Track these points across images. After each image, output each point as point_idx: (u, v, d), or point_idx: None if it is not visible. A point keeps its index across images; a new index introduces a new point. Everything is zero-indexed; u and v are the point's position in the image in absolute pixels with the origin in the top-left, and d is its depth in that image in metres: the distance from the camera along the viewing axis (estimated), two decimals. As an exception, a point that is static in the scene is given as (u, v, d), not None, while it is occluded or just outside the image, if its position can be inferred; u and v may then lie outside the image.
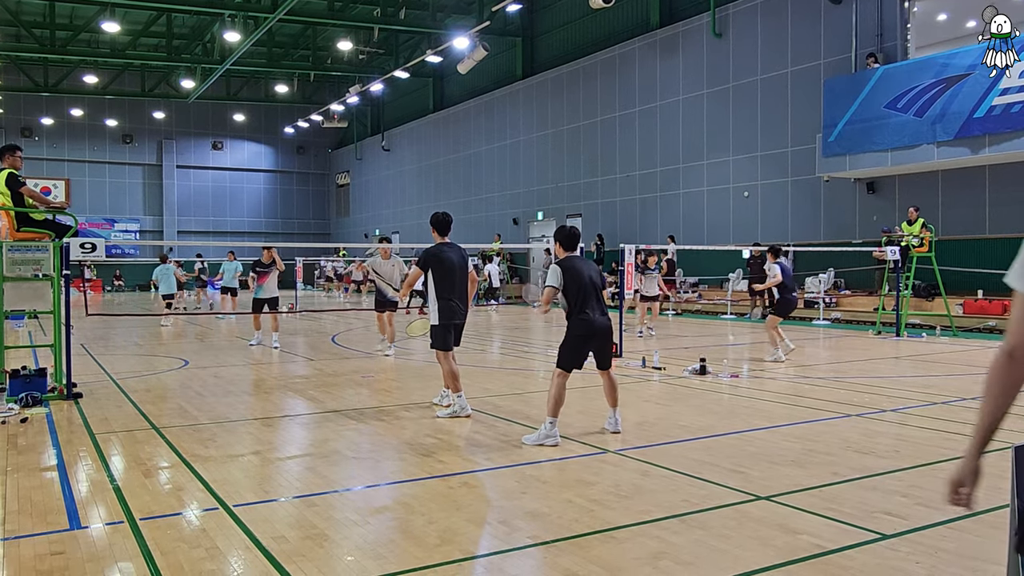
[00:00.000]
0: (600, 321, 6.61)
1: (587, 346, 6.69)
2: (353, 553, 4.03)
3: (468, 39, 27.25)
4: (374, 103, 44.60)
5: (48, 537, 4.27)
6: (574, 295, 6.57)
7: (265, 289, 14.03)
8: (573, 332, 6.61)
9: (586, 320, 6.54)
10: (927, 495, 4.90)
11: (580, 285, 6.56)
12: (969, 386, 9.27)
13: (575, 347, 6.63)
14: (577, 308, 6.57)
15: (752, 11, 22.27)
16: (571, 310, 6.61)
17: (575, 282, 6.56)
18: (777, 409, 7.92)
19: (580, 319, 6.56)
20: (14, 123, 42.45)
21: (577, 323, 6.58)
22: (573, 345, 6.61)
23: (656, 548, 4.05)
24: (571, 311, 6.62)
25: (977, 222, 17.50)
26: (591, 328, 6.56)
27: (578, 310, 6.56)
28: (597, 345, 6.72)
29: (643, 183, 26.11)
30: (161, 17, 32.50)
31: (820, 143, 19.05)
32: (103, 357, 12.68)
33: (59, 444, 6.52)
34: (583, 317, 6.55)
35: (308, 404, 8.52)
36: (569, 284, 6.56)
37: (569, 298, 6.59)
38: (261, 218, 49.25)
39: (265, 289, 14.03)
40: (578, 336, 6.59)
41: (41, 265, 8.52)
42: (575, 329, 6.60)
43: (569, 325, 6.65)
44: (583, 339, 6.61)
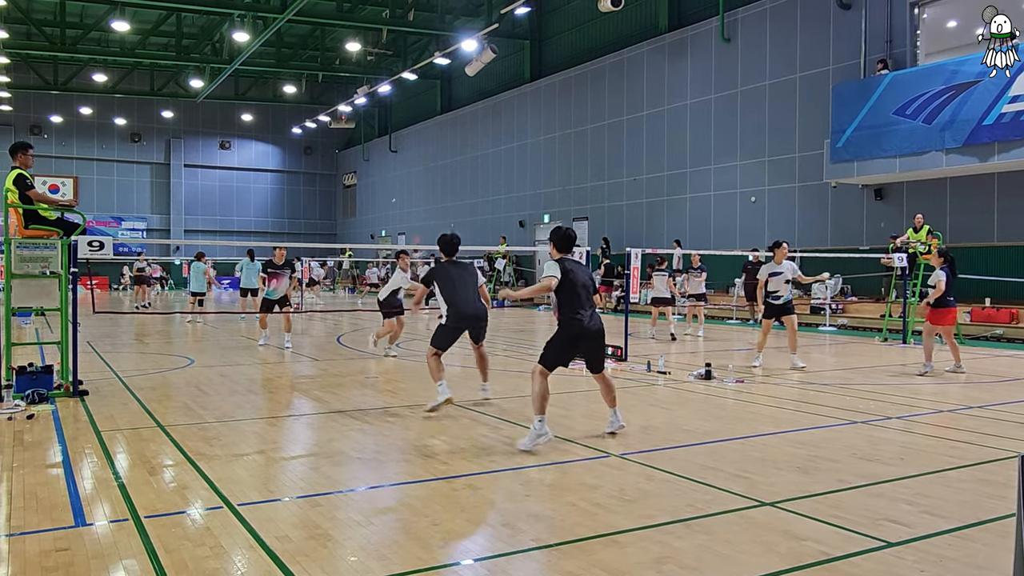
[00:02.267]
0: (593, 323, 6.56)
1: (576, 347, 6.66)
2: (357, 554, 4.03)
3: (476, 41, 27.29)
4: (382, 104, 44.68)
5: (53, 534, 4.29)
6: (568, 295, 6.52)
7: (276, 291, 13.98)
8: (564, 332, 6.56)
9: (579, 321, 6.49)
10: (933, 503, 4.88)
11: (575, 285, 6.52)
12: (976, 394, 9.24)
13: (563, 347, 6.58)
14: (570, 309, 6.52)
15: (761, 16, 22.25)
16: (563, 310, 6.58)
17: (571, 282, 6.51)
18: (782, 415, 7.90)
19: (573, 319, 6.51)
20: (23, 120, 42.64)
21: (570, 323, 6.52)
22: (562, 345, 6.57)
23: (660, 553, 4.04)
24: (563, 311, 6.58)
25: (985, 230, 17.44)
26: (583, 329, 6.51)
27: (571, 311, 6.52)
28: (588, 347, 6.67)
29: (650, 187, 26.09)
30: (171, 17, 32.65)
31: (828, 149, 19.01)
32: (109, 355, 12.71)
33: (65, 441, 6.54)
34: (577, 317, 6.50)
35: (313, 404, 8.53)
36: (565, 283, 6.50)
37: (563, 297, 6.55)
38: (268, 218, 49.37)
39: (276, 291, 13.98)
40: (569, 336, 6.54)
41: (49, 262, 8.55)
42: (567, 329, 6.55)
43: (560, 325, 6.61)
44: (573, 340, 6.56)
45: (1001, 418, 7.73)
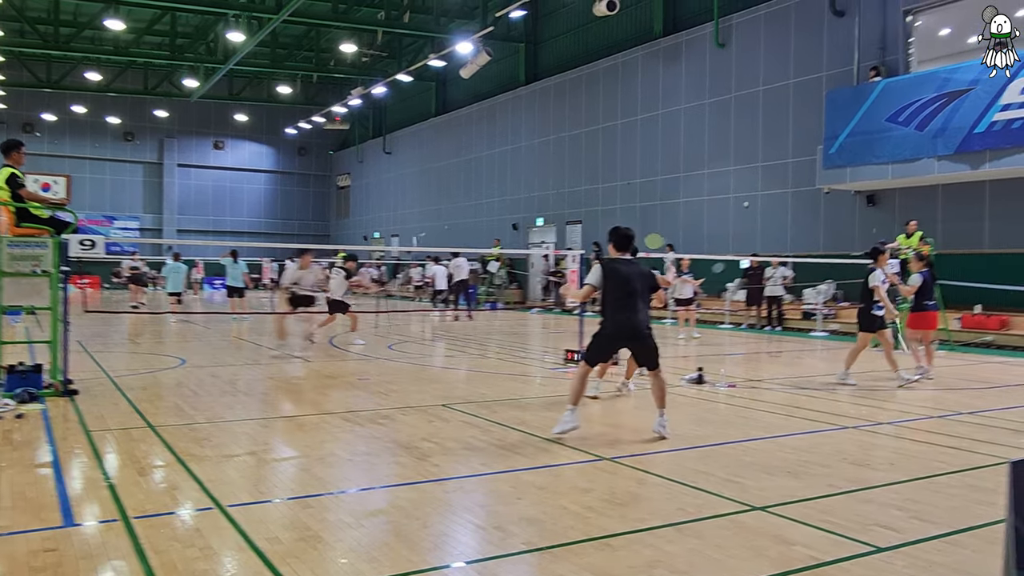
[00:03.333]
0: (630, 322, 6.70)
1: (614, 345, 7.03)
2: (347, 556, 4.02)
3: (471, 44, 27.30)
4: (376, 106, 44.64)
5: (41, 534, 4.26)
6: (612, 296, 6.71)
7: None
8: (602, 331, 6.84)
9: (617, 321, 6.72)
10: (923, 508, 4.89)
11: (620, 288, 6.69)
12: (966, 400, 9.28)
13: (601, 345, 6.91)
14: (611, 309, 6.73)
15: (755, 22, 22.33)
16: (604, 310, 6.78)
17: (616, 284, 6.70)
18: (774, 420, 7.91)
19: (612, 319, 6.74)
20: (16, 118, 42.44)
21: (608, 323, 6.78)
22: (599, 343, 6.89)
23: (651, 556, 4.04)
24: (604, 311, 6.78)
25: (976, 237, 17.52)
26: (619, 329, 6.75)
27: (612, 311, 6.73)
28: (633, 347, 7.01)
29: (643, 191, 26.14)
30: (165, 16, 32.57)
31: (821, 155, 19.08)
32: (100, 355, 12.66)
33: (54, 441, 6.50)
34: (617, 318, 6.72)
35: (304, 405, 8.51)
36: (609, 285, 6.70)
37: (606, 298, 6.74)
38: (261, 218, 49.23)
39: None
40: (606, 335, 6.83)
41: (40, 261, 8.52)
42: (604, 328, 6.82)
43: (601, 324, 6.86)
44: (610, 339, 6.87)
45: (991, 424, 7.77)
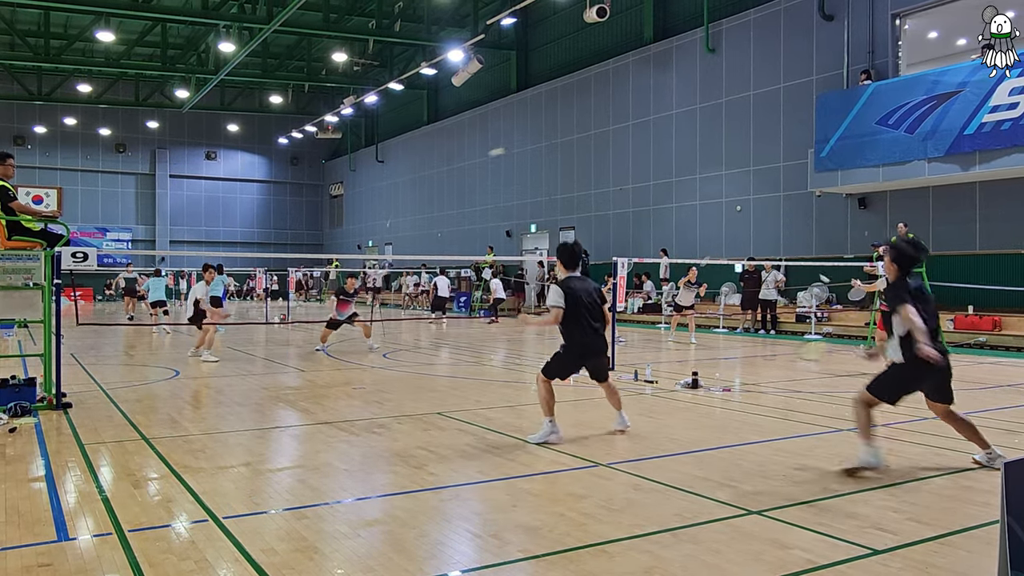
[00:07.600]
0: (595, 341, 6.90)
1: (579, 364, 7.01)
2: (343, 566, 4.01)
3: (462, 52, 27.37)
4: (368, 114, 44.69)
5: (35, 548, 4.24)
6: (572, 315, 6.77)
7: (343, 313, 15.07)
8: (569, 351, 6.88)
9: (583, 342, 6.82)
10: (918, 510, 4.90)
11: (578, 306, 6.77)
12: (959, 402, 9.27)
13: (566, 363, 6.95)
14: (578, 329, 6.79)
15: (745, 27, 22.43)
16: (569, 327, 6.83)
17: (574, 303, 6.77)
18: (769, 423, 7.92)
19: (577, 340, 6.81)
20: (7, 131, 42.37)
21: (574, 343, 6.84)
22: (565, 361, 6.93)
23: (648, 562, 4.04)
24: (568, 329, 6.84)
25: (967, 238, 17.60)
26: (587, 349, 6.87)
27: (580, 331, 6.79)
28: (591, 363, 7.04)
29: (636, 196, 26.20)
30: (156, 27, 32.57)
31: (812, 158, 19.16)
32: (93, 367, 12.61)
33: (48, 454, 6.47)
34: (581, 339, 6.81)
35: (299, 415, 8.49)
36: (568, 305, 6.76)
37: (566, 318, 6.80)
38: (254, 228, 49.21)
39: (343, 313, 15.07)
40: (573, 355, 6.90)
41: (32, 274, 8.49)
42: (571, 348, 6.87)
43: (565, 343, 6.89)
44: (577, 357, 6.94)
45: (984, 425, 7.77)
